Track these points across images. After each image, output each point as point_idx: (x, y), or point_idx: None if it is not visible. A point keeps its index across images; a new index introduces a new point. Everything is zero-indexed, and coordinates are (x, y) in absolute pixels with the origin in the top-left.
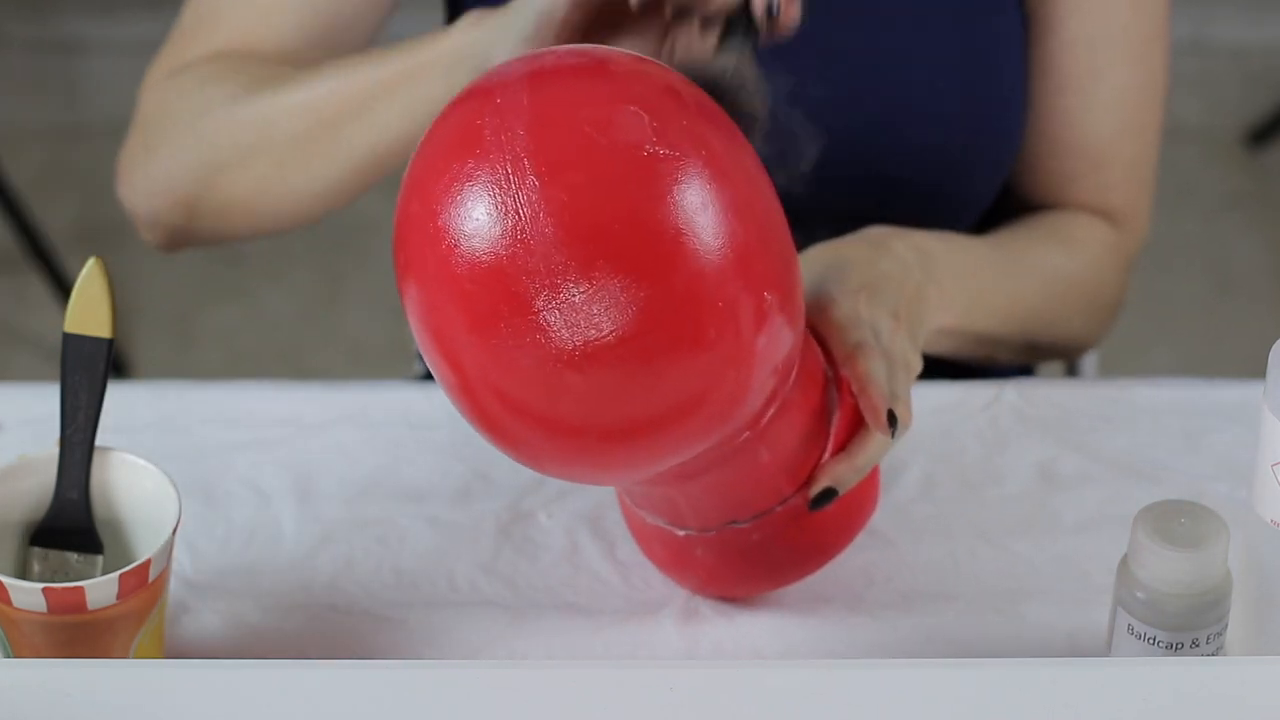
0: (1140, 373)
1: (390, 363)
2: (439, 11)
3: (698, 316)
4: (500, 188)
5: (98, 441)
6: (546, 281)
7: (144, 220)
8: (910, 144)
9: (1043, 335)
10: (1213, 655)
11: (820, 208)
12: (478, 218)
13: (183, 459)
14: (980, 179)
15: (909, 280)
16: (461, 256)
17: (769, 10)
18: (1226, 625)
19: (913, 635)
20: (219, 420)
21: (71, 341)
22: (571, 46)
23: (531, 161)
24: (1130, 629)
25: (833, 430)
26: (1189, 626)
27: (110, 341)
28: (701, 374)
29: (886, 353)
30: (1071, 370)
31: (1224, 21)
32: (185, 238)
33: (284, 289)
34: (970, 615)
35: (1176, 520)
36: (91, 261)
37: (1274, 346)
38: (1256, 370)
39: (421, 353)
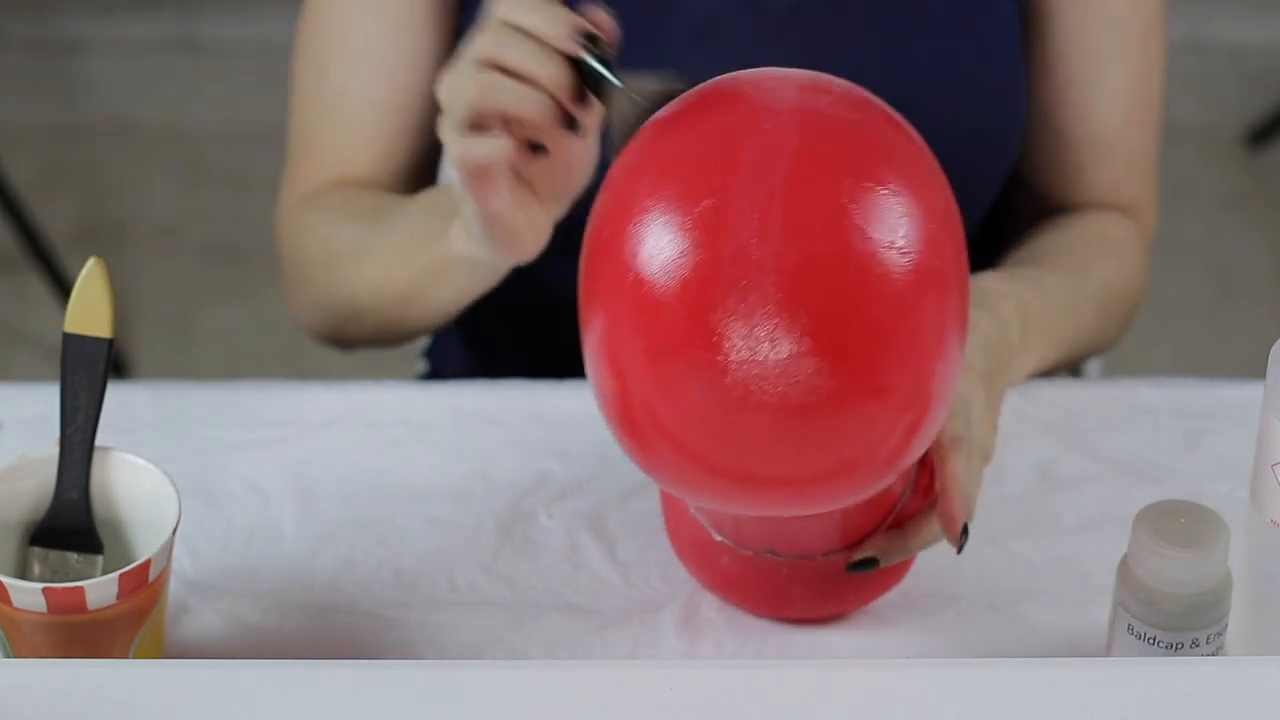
0: (1140, 373)
1: (390, 363)
2: None
3: (883, 400)
4: (737, 218)
5: (98, 441)
6: (745, 328)
7: (306, 329)
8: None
9: (1090, 349)
10: (1213, 655)
11: None
12: (688, 247)
13: (183, 459)
14: (979, 177)
15: (1006, 350)
16: (660, 283)
17: (589, 35)
18: (1226, 625)
19: (913, 635)
20: (219, 420)
21: (71, 341)
22: (845, 91)
23: (780, 203)
24: (1130, 629)
25: (900, 506)
26: (1189, 626)
27: (110, 341)
28: (866, 445)
29: (974, 445)
30: (1073, 370)
31: (1222, 21)
32: (343, 341)
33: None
34: (970, 615)
35: (1176, 520)
36: (91, 261)
37: (1274, 346)
38: (1256, 370)
39: (590, 371)
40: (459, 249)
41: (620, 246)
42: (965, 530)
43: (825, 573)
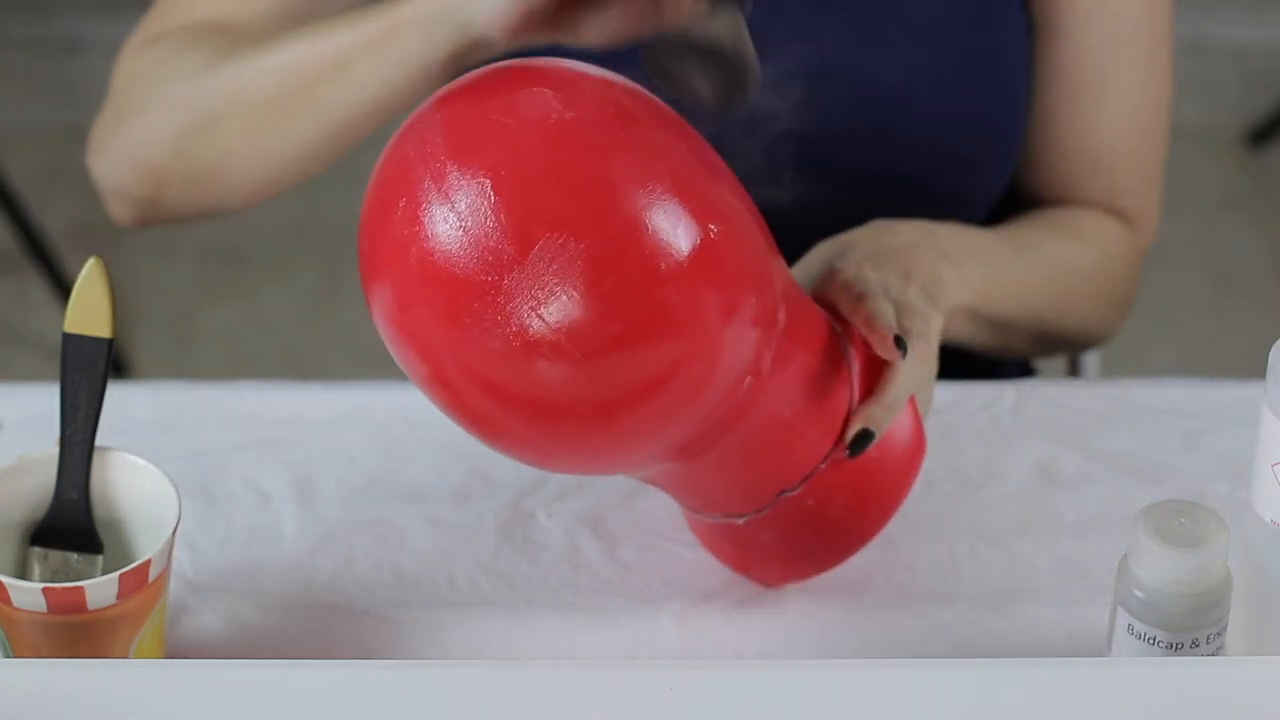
0: (1140, 373)
1: (390, 363)
2: None
3: (641, 262)
4: (432, 195)
5: (98, 441)
6: (494, 268)
7: (113, 192)
8: (912, 144)
9: (1054, 324)
10: (1213, 655)
11: (821, 207)
12: (427, 230)
13: (183, 459)
14: (982, 179)
15: (921, 254)
16: (421, 264)
17: None
18: (1226, 625)
19: (913, 635)
20: (219, 420)
21: (71, 341)
22: (490, 65)
23: (450, 160)
24: (1130, 629)
25: (855, 379)
26: (1189, 626)
27: (110, 341)
28: (666, 311)
29: (896, 301)
30: (1072, 370)
31: (1223, 21)
32: (154, 211)
33: (284, 289)
34: (970, 615)
35: (1176, 520)
36: (91, 261)
37: (1274, 346)
38: (1256, 370)
39: (397, 359)
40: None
41: (401, 222)
42: (900, 343)
43: (845, 480)
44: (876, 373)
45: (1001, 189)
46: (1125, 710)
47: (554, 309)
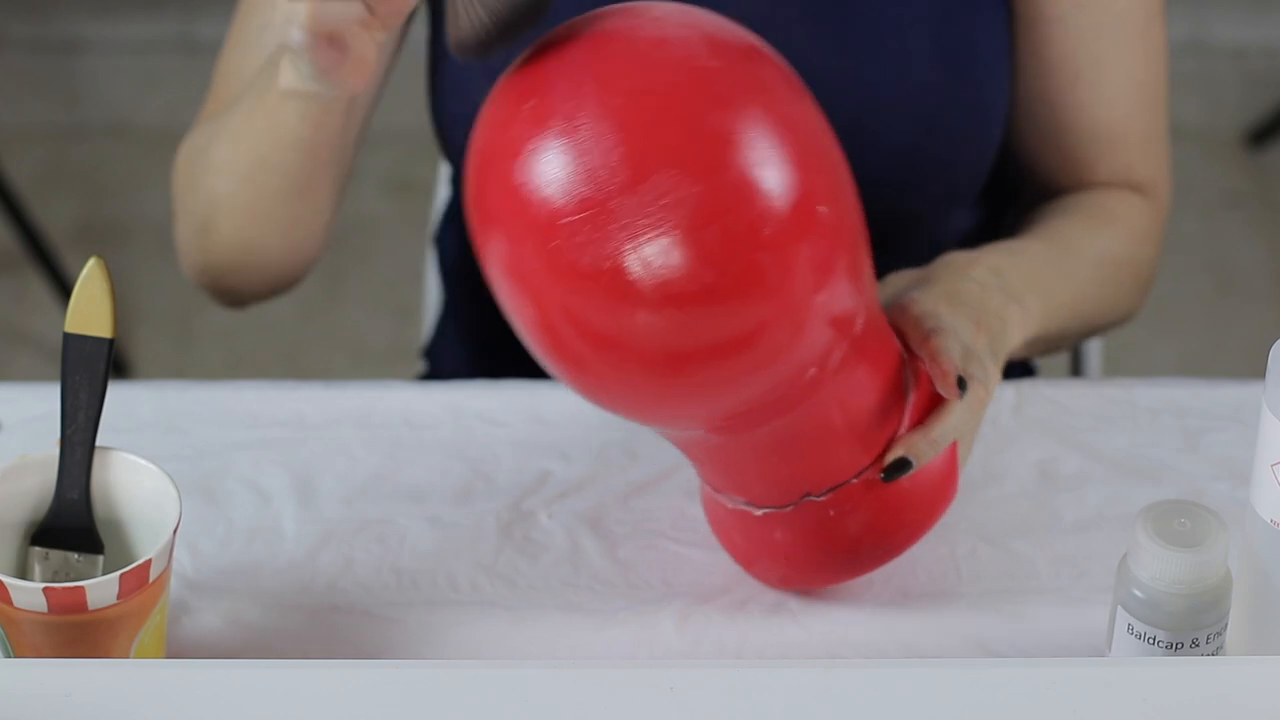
0: (1140, 373)
1: (390, 363)
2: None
3: (749, 221)
4: (560, 111)
5: (98, 441)
6: (604, 186)
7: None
8: (882, 142)
9: (1099, 319)
10: (1213, 655)
11: None
12: (545, 143)
13: (183, 459)
14: (966, 169)
15: (990, 300)
16: (536, 176)
17: None
18: (1226, 625)
19: (913, 635)
20: (219, 420)
21: (72, 341)
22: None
23: (588, 85)
24: (1130, 629)
25: (908, 408)
26: (1189, 626)
27: (111, 341)
28: (759, 274)
29: (964, 345)
30: (1074, 370)
31: (1223, 21)
32: (228, 298)
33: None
34: (970, 615)
35: (1176, 520)
36: (92, 261)
37: (1274, 346)
38: (1256, 370)
39: (500, 297)
40: (286, 85)
41: (511, 172)
42: (963, 383)
43: (871, 500)
44: (929, 408)
45: (984, 178)
46: (1125, 710)
47: (652, 247)
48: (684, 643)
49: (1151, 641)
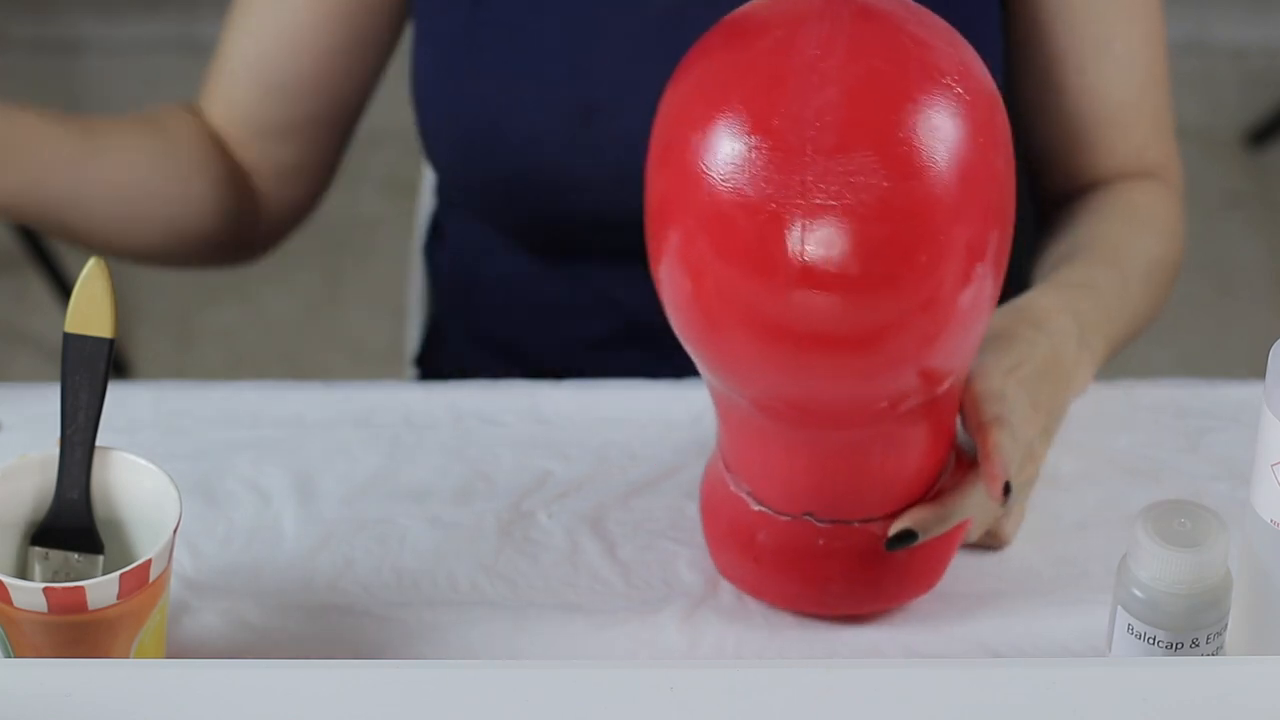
0: (1140, 373)
1: (390, 363)
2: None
3: (917, 240)
4: (799, 127)
5: (98, 441)
6: (806, 223)
7: None
8: None
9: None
10: (1213, 655)
11: None
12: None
13: (183, 459)
14: None
15: (1062, 359)
16: (731, 188)
17: None
18: (1226, 625)
19: (912, 635)
20: (219, 420)
21: (72, 341)
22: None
23: (836, 112)
24: (1130, 629)
25: (940, 484)
26: (1189, 626)
27: (111, 341)
28: (895, 291)
29: (1017, 429)
30: None
31: (1224, 21)
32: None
33: (284, 289)
34: (971, 615)
35: (1176, 520)
36: (92, 261)
37: (1274, 346)
38: (1256, 370)
39: (665, 279)
40: None
41: (690, 159)
42: (1008, 488)
43: (861, 551)
44: (959, 476)
45: None
46: (1125, 710)
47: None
48: (684, 643)
49: (1151, 641)
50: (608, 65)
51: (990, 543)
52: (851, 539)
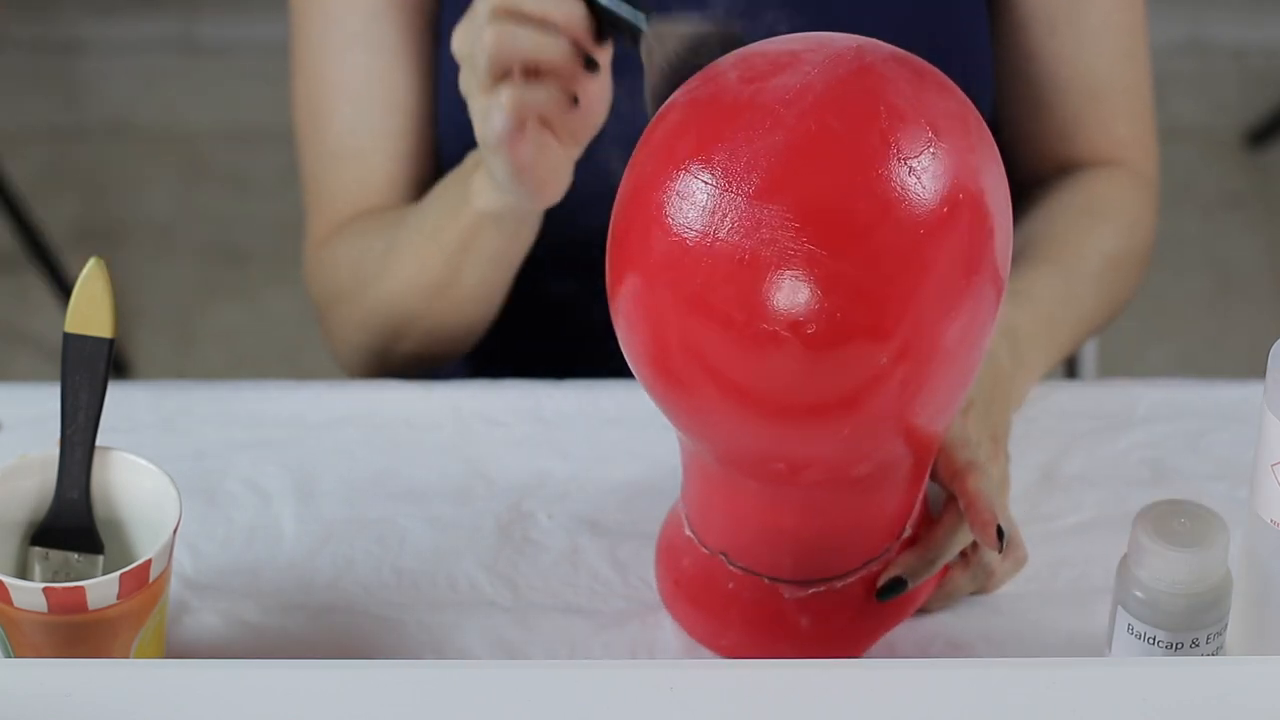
0: (1140, 373)
1: None
2: None
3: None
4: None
5: (98, 441)
6: (772, 276)
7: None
8: None
9: (1102, 323)
10: (1213, 655)
11: None
12: (694, 204)
13: (183, 459)
14: None
15: (1000, 383)
16: (684, 246)
17: None
18: (1226, 625)
19: (913, 635)
20: (219, 420)
21: (72, 341)
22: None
23: (801, 159)
24: (1130, 629)
25: (908, 530)
26: (1189, 626)
27: (111, 341)
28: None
29: (990, 472)
30: (1071, 371)
31: (1223, 21)
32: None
33: (285, 289)
34: (970, 615)
35: (1176, 520)
36: (92, 261)
37: (1274, 346)
38: (1256, 370)
39: (623, 326)
40: (483, 205)
41: (655, 206)
42: (1000, 532)
43: (816, 612)
44: (919, 536)
45: None
46: (1125, 710)
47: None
48: (684, 643)
49: (1151, 641)
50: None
51: (984, 586)
52: (805, 604)
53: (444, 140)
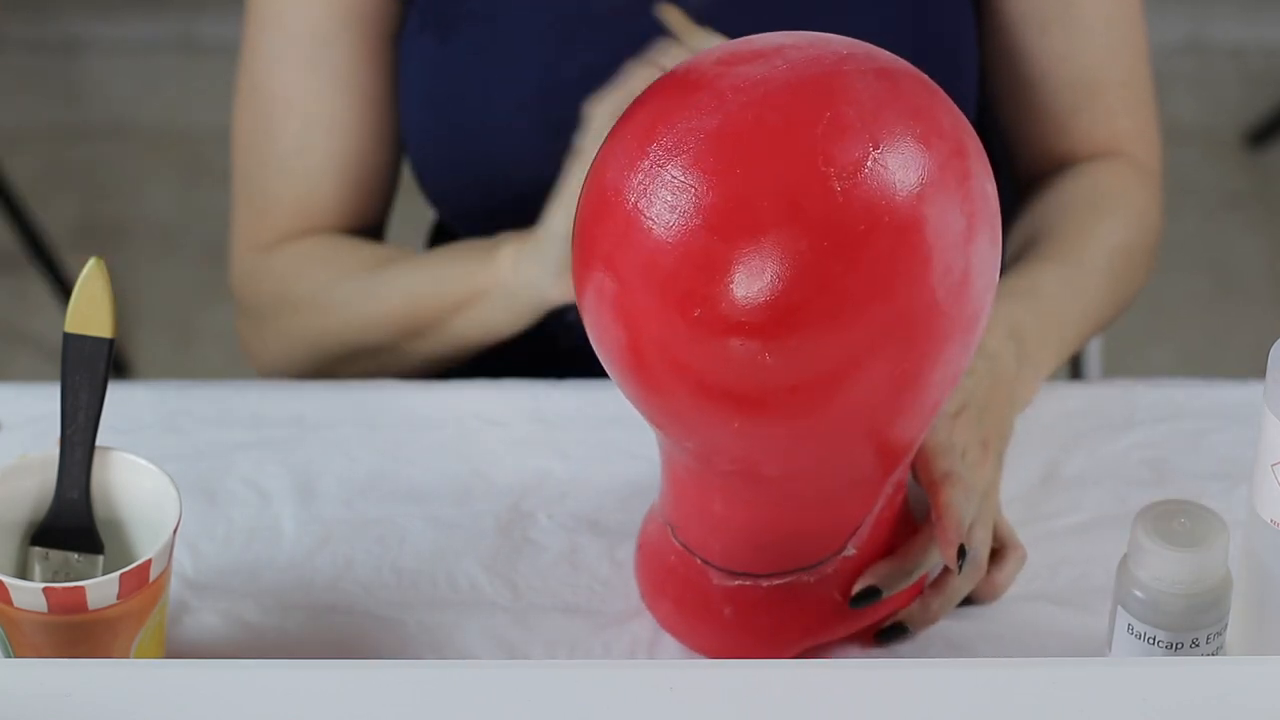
0: (1140, 373)
1: None
2: None
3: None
4: (727, 172)
5: (98, 441)
6: (739, 271)
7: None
8: None
9: (1110, 316)
10: (1213, 655)
11: None
12: (665, 202)
13: (183, 459)
14: None
15: (1001, 385)
16: (653, 239)
17: None
18: (1226, 625)
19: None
20: (219, 420)
21: (72, 341)
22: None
23: (765, 156)
24: (1130, 629)
25: (850, 549)
26: (1189, 626)
27: (111, 341)
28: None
29: (969, 483)
30: (1073, 371)
31: (1223, 21)
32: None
33: None
34: (970, 615)
35: (1176, 520)
36: (92, 261)
37: (1274, 346)
38: (1256, 370)
39: (592, 327)
40: (514, 277)
41: (622, 202)
42: (962, 552)
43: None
44: (884, 540)
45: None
46: (1125, 710)
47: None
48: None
49: (1151, 641)
50: (579, 79)
51: (983, 595)
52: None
53: (408, 140)
